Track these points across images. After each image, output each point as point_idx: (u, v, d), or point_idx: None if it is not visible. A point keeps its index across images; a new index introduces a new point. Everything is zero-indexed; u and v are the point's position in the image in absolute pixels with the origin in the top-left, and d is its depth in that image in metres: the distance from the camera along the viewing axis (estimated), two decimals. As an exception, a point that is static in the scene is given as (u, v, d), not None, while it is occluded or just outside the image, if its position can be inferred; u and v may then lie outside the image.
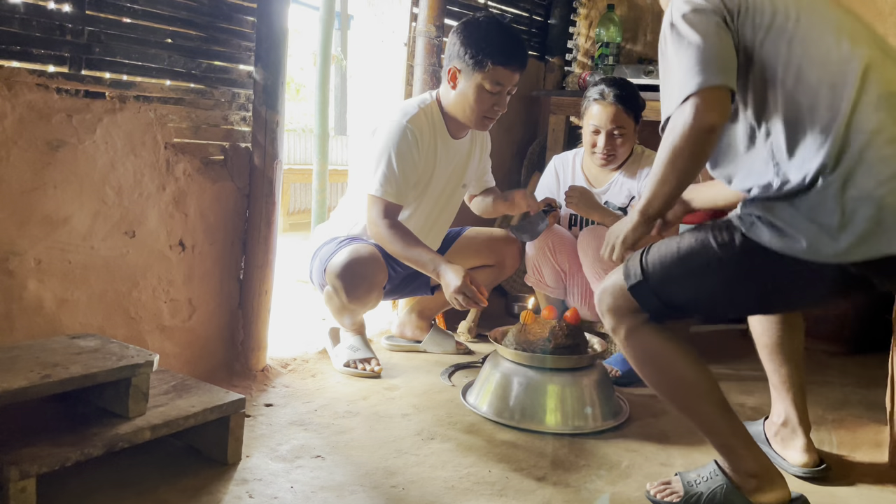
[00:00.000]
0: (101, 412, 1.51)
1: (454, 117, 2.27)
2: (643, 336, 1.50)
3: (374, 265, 2.18)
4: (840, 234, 1.25)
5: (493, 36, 2.15)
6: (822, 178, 1.27)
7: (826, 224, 1.26)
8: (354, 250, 2.19)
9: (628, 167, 2.52)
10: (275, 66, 2.08)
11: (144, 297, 1.91)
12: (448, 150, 2.33)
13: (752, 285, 1.42)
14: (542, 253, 2.52)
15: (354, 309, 2.27)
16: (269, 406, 1.98)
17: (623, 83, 2.48)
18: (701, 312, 1.60)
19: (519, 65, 2.17)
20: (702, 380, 1.52)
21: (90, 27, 1.71)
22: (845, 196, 1.25)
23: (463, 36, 2.17)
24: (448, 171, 2.36)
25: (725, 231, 1.40)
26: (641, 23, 3.62)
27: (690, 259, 1.43)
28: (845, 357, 2.81)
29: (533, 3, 3.47)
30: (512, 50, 2.16)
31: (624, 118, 2.43)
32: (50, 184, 1.67)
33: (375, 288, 2.21)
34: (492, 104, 2.20)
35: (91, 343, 1.59)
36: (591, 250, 2.37)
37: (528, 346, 2.03)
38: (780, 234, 1.31)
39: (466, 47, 2.15)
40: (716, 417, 1.51)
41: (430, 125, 2.26)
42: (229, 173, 2.08)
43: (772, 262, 1.33)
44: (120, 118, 1.79)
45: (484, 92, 2.16)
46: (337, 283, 2.17)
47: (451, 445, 1.81)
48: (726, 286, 1.43)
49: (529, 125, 3.52)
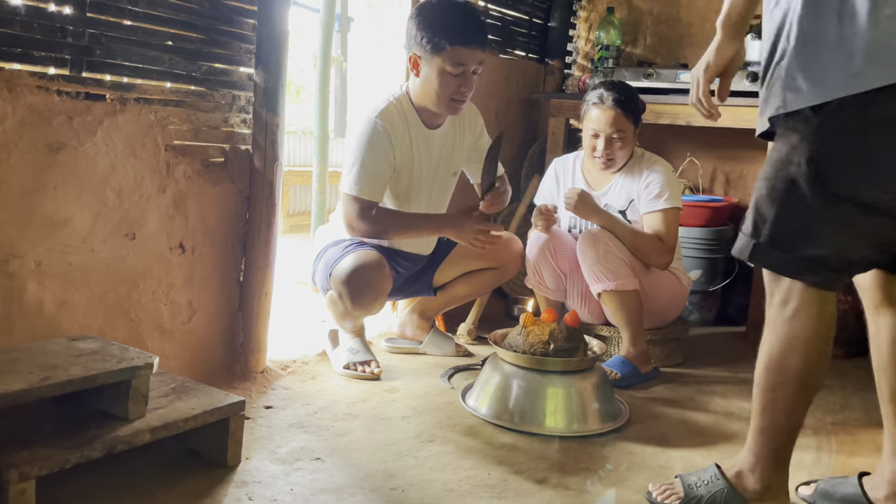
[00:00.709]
0: (101, 414, 1.51)
1: (424, 107, 2.26)
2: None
3: (380, 273, 2.17)
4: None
5: (448, 16, 2.13)
6: None
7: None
8: (361, 256, 2.18)
9: (628, 170, 2.52)
10: (275, 68, 2.08)
11: (144, 299, 1.91)
12: (426, 141, 2.32)
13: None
14: (543, 255, 2.52)
15: (358, 315, 2.27)
16: (269, 408, 1.98)
17: (622, 87, 2.49)
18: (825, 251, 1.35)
19: (477, 42, 2.15)
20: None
21: (91, 29, 1.72)
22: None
23: (418, 21, 2.15)
24: (432, 163, 2.35)
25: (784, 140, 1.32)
26: (641, 26, 3.63)
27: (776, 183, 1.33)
28: (845, 360, 2.81)
29: (533, 6, 3.48)
30: (468, 28, 2.14)
31: (623, 122, 2.43)
32: (50, 186, 1.67)
33: (381, 295, 2.21)
34: (457, 86, 2.17)
35: (91, 345, 1.59)
36: (590, 252, 2.37)
37: (527, 348, 2.03)
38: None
39: (422, 32, 2.13)
40: (793, 410, 1.43)
41: (402, 118, 2.25)
42: (229, 175, 2.08)
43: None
44: (120, 120, 1.79)
45: (446, 75, 2.15)
46: (342, 290, 2.17)
47: (451, 448, 1.81)
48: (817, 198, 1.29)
49: (529, 128, 3.52)
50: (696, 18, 3.51)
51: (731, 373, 2.55)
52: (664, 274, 2.49)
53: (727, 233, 3.23)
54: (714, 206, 3.17)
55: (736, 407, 2.21)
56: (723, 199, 3.29)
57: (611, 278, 2.34)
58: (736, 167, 3.50)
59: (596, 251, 2.36)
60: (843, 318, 2.77)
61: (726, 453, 1.86)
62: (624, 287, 2.34)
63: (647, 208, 2.46)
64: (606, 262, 2.35)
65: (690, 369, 2.57)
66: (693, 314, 3.21)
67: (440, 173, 2.39)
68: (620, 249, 2.38)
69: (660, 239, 2.42)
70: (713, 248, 3.19)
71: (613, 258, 2.35)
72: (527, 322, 2.09)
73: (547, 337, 2.03)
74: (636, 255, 2.41)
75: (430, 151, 2.34)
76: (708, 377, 2.49)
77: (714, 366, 2.63)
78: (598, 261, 2.35)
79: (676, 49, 3.55)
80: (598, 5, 3.68)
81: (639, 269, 2.41)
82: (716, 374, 2.54)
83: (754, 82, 2.94)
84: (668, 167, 2.54)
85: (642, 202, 2.47)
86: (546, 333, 2.04)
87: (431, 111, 2.27)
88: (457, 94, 2.20)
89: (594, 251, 2.36)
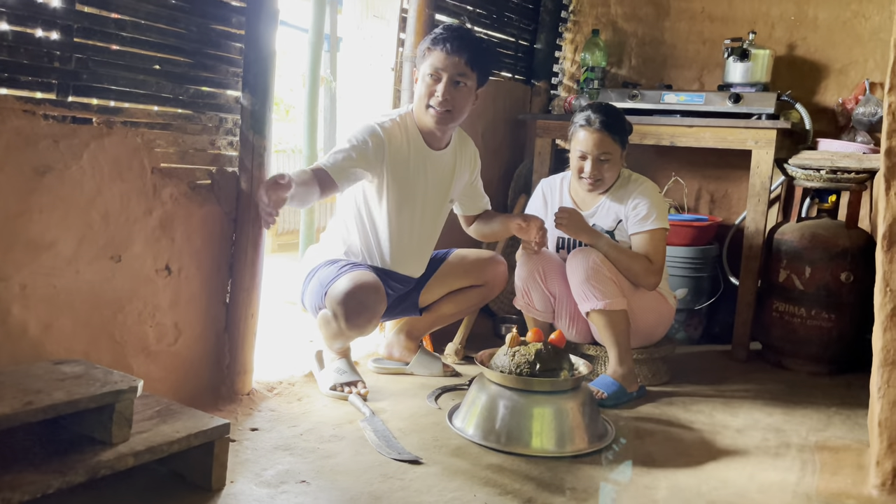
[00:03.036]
0: (85, 438, 1.50)
1: (422, 122, 2.33)
2: None
3: (376, 294, 2.18)
4: None
5: (441, 30, 2.28)
6: None
7: None
8: (357, 277, 2.19)
9: (615, 191, 2.54)
10: (262, 91, 2.10)
11: (130, 321, 1.91)
12: (427, 161, 2.36)
13: None
14: (532, 278, 2.53)
15: (351, 335, 2.28)
16: (255, 430, 1.97)
17: (609, 109, 2.52)
18: None
19: (454, 49, 2.22)
20: None
21: (78, 54, 1.73)
22: None
23: (423, 41, 2.32)
24: (430, 184, 2.39)
25: None
26: (626, 47, 3.68)
27: None
28: (829, 377, 2.84)
29: (519, 29, 3.52)
30: (452, 37, 2.23)
31: (610, 144, 2.46)
32: (36, 209, 1.67)
33: (375, 317, 2.21)
34: (431, 90, 2.25)
35: (75, 369, 1.58)
36: (580, 271, 2.38)
37: (513, 368, 2.03)
38: None
39: (421, 46, 2.30)
40: None
41: (405, 134, 2.32)
42: (216, 197, 2.08)
43: None
44: (107, 143, 1.80)
45: (425, 78, 2.26)
46: (338, 309, 2.17)
47: (437, 469, 1.81)
48: None
49: (516, 148, 3.55)
50: (679, 40, 3.57)
51: (717, 392, 2.57)
52: (651, 294, 2.51)
53: (712, 252, 3.26)
54: (699, 225, 3.20)
55: (721, 426, 2.22)
56: (707, 218, 3.32)
57: (600, 297, 2.35)
58: (720, 186, 3.54)
59: (585, 270, 2.37)
60: (826, 336, 2.83)
61: (711, 473, 1.88)
62: (612, 307, 2.36)
63: (635, 229, 2.48)
64: (596, 282, 2.36)
65: (677, 388, 2.58)
66: (679, 333, 3.23)
67: (437, 196, 2.42)
68: (610, 269, 2.39)
69: (649, 260, 2.44)
70: (698, 267, 3.21)
71: (603, 277, 2.37)
72: (513, 342, 2.10)
73: (533, 357, 2.04)
74: (625, 276, 2.43)
75: (426, 169, 2.37)
76: (694, 396, 2.50)
77: (700, 384, 2.64)
78: (588, 280, 2.37)
79: (661, 70, 3.61)
80: (584, 27, 3.74)
81: (627, 288, 2.43)
82: (702, 392, 2.55)
83: (736, 103, 2.98)
84: (655, 188, 2.57)
85: (630, 223, 2.49)
86: (532, 353, 2.05)
87: (431, 130, 2.32)
88: (432, 100, 2.25)
89: (584, 270, 2.37)
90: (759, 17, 3.38)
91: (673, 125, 3.06)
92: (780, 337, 2.95)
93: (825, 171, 2.87)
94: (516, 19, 3.49)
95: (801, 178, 2.95)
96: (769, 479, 1.86)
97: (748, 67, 3.08)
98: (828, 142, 2.99)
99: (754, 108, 2.95)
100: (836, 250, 2.82)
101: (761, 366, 2.96)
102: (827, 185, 2.90)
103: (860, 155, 2.83)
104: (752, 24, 3.35)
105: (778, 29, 3.34)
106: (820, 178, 2.88)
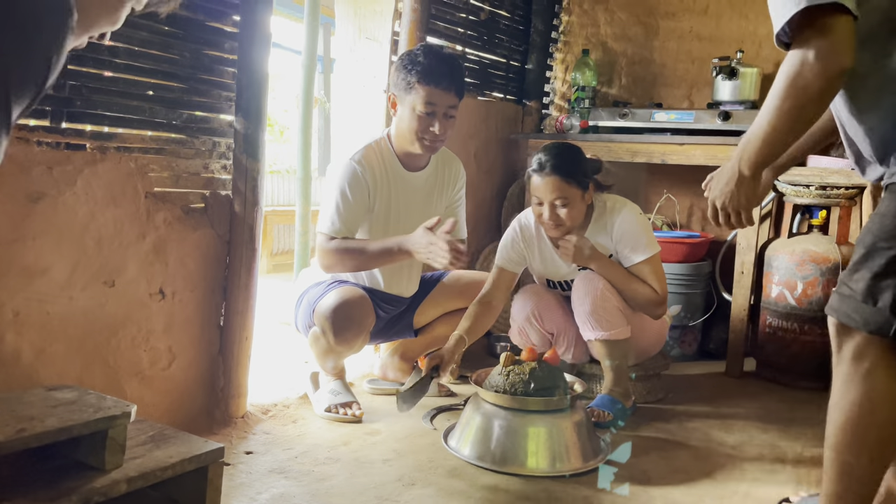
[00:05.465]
0: (78, 465, 1.49)
1: (403, 148, 2.33)
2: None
3: (363, 308, 2.20)
4: None
5: (424, 59, 2.24)
6: None
7: None
8: (344, 292, 2.21)
9: (594, 224, 2.40)
10: (255, 115, 2.11)
11: (123, 345, 1.91)
12: (404, 183, 2.37)
13: None
14: (529, 322, 2.50)
15: (341, 351, 2.28)
16: (249, 454, 1.97)
17: (563, 151, 2.32)
18: None
19: (447, 85, 2.22)
20: None
21: (72, 81, 1.74)
22: None
23: (399, 63, 2.28)
24: (410, 205, 2.39)
25: None
26: (616, 67, 3.72)
27: None
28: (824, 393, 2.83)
29: (510, 49, 3.56)
30: (440, 70, 2.22)
31: (565, 188, 2.26)
32: (29, 235, 1.68)
33: (364, 331, 2.22)
34: (426, 126, 2.24)
35: (68, 395, 1.58)
36: (587, 301, 2.31)
37: (508, 388, 2.03)
38: None
39: (400, 72, 2.25)
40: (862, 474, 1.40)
41: (380, 159, 2.33)
42: (210, 221, 2.09)
43: None
44: (100, 169, 1.81)
45: (416, 114, 2.23)
46: (326, 325, 2.18)
47: (433, 491, 1.81)
48: None
49: (508, 167, 3.58)
50: (668, 59, 3.61)
51: (712, 408, 2.57)
52: (649, 313, 2.47)
53: (705, 268, 3.28)
54: (692, 241, 3.22)
55: (717, 442, 2.23)
56: (700, 234, 3.34)
57: (606, 328, 2.30)
58: (712, 203, 3.55)
59: (593, 301, 2.30)
60: (820, 351, 2.83)
61: (707, 490, 1.87)
62: (617, 336, 2.32)
63: (629, 262, 2.36)
64: (603, 312, 2.30)
65: (672, 405, 2.58)
66: (674, 349, 3.24)
67: (418, 212, 2.42)
68: (616, 297, 2.32)
69: (654, 290, 2.34)
70: (691, 284, 3.23)
71: (610, 307, 2.30)
72: (507, 361, 2.10)
73: (528, 376, 2.04)
74: (630, 305, 2.36)
75: (407, 193, 2.37)
76: (689, 413, 2.50)
77: (695, 401, 2.64)
78: (595, 311, 2.30)
79: (651, 89, 3.64)
80: (574, 47, 3.78)
81: (629, 313, 2.38)
82: (697, 409, 2.55)
83: (726, 121, 3.02)
84: (634, 209, 2.42)
85: (622, 257, 2.39)
86: (527, 372, 2.05)
87: (410, 153, 2.32)
88: (426, 134, 2.26)
89: (591, 301, 2.30)
90: (747, 36, 3.42)
91: (664, 143, 3.08)
92: (773, 353, 2.96)
93: (815, 186, 2.89)
94: (507, 40, 3.52)
95: (791, 193, 2.97)
96: (765, 496, 1.85)
97: (736, 85, 3.12)
98: (817, 158, 3.02)
99: (743, 125, 2.98)
100: (826, 266, 2.83)
101: (756, 381, 2.97)
102: (817, 201, 2.92)
103: (849, 171, 2.86)
104: (740, 43, 3.39)
105: (765, 47, 3.38)
106: (810, 193, 2.91)
